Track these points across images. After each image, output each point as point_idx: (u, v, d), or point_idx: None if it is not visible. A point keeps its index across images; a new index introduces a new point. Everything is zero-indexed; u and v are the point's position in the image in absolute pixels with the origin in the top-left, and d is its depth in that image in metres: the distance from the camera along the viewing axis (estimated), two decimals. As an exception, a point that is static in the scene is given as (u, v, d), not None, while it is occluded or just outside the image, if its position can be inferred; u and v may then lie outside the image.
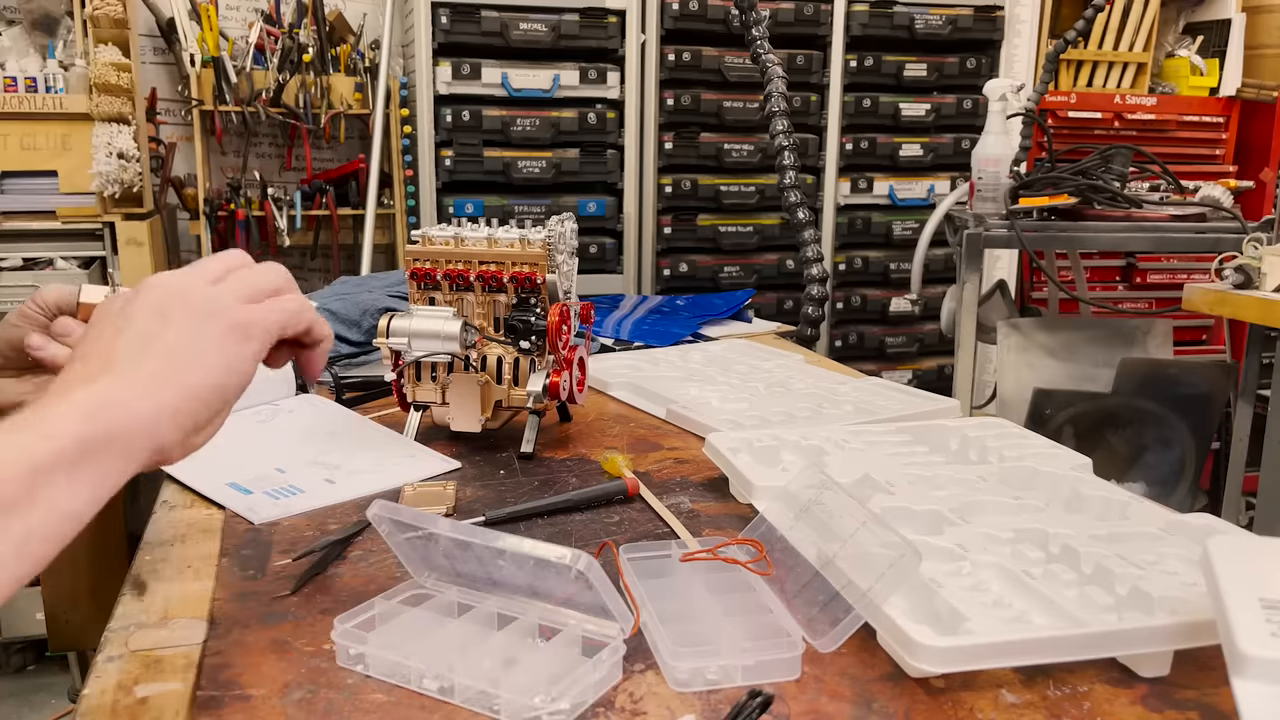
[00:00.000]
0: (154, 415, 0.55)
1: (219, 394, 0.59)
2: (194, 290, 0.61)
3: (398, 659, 0.60)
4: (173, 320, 0.59)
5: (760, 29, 2.00)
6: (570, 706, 0.56)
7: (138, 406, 0.55)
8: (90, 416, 0.52)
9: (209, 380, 0.58)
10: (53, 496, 0.50)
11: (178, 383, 0.57)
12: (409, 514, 0.65)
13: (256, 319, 0.62)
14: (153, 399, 0.55)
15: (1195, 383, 2.33)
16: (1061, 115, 2.96)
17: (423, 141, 2.54)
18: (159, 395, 0.56)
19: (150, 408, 0.55)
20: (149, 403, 0.55)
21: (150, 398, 0.55)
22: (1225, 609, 0.52)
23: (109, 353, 0.57)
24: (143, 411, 0.55)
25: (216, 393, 0.59)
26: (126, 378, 0.56)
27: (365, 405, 1.19)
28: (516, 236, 1.03)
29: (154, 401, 0.55)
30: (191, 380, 0.57)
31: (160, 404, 0.56)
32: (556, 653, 0.61)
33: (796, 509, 0.72)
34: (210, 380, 0.58)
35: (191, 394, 0.57)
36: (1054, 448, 0.94)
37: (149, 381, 0.56)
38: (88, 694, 0.58)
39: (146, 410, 0.55)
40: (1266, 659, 0.49)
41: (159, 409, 0.55)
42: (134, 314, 0.59)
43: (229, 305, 0.61)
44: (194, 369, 0.58)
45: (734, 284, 2.74)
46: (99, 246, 2.39)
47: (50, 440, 0.51)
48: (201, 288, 0.61)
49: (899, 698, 0.59)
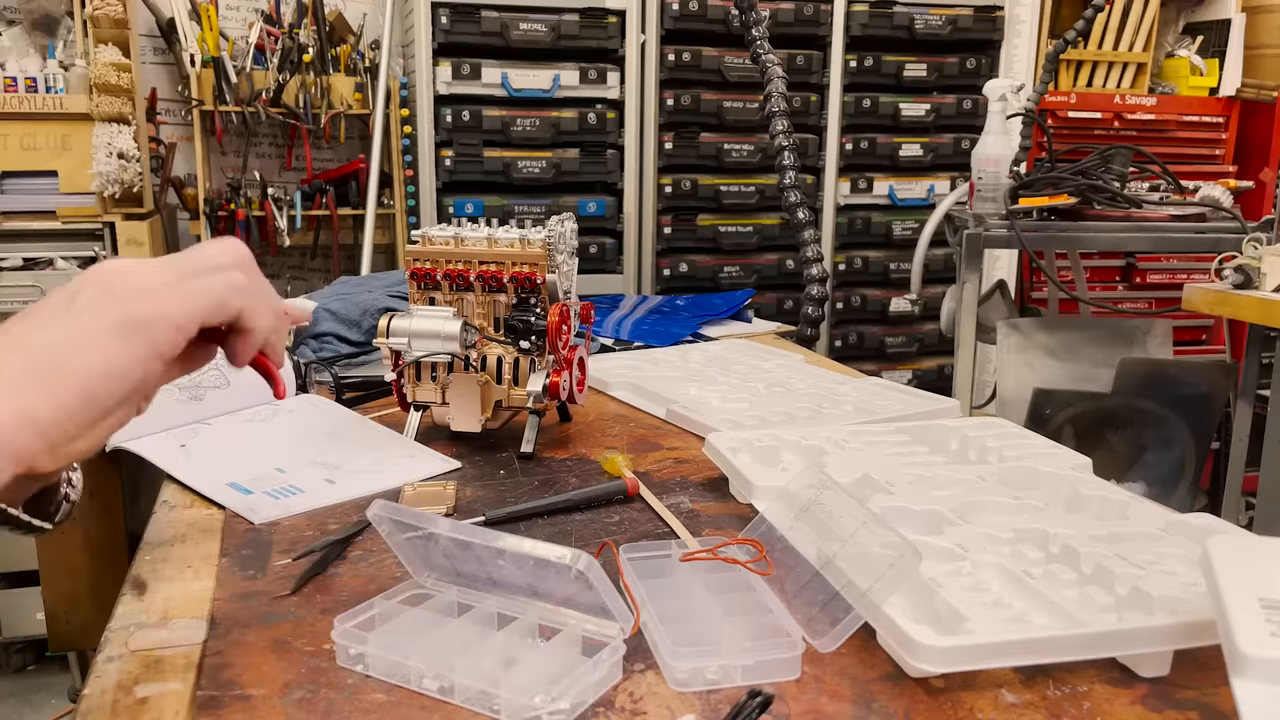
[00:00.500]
0: (12, 422, 0.49)
1: (92, 400, 0.51)
2: (122, 274, 0.54)
3: (398, 659, 0.60)
4: (70, 312, 0.52)
5: (760, 29, 2.00)
6: (570, 706, 0.56)
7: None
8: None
9: (81, 384, 0.51)
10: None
11: (41, 388, 0.50)
12: (409, 514, 0.65)
13: (153, 313, 0.53)
14: (8, 407, 0.49)
15: (1195, 383, 2.33)
16: (1061, 115, 2.96)
17: (423, 141, 2.54)
18: (16, 402, 0.49)
19: (6, 413, 0.49)
20: (4, 406, 0.49)
21: (7, 400, 0.49)
22: (1225, 609, 0.52)
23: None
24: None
25: (88, 398, 0.51)
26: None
27: (365, 405, 1.19)
28: (516, 236, 1.03)
29: (9, 409, 0.49)
30: (59, 385, 0.50)
31: (18, 408, 0.49)
32: (556, 653, 0.61)
33: (796, 509, 0.72)
34: (82, 384, 0.51)
35: (56, 400, 0.50)
36: (1054, 448, 0.94)
37: (9, 382, 0.50)
38: (88, 694, 0.58)
39: (1, 416, 0.48)
40: (1266, 659, 0.49)
41: (19, 415, 0.49)
42: (35, 309, 0.53)
43: (140, 290, 0.53)
44: (63, 372, 0.51)
45: (734, 284, 2.75)
46: (99, 247, 2.39)
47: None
48: (136, 269, 0.54)
49: (899, 698, 0.59)
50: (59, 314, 0.53)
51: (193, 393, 1.07)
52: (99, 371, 0.51)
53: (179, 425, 1.04)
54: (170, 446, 0.99)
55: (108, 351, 0.52)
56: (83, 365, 0.51)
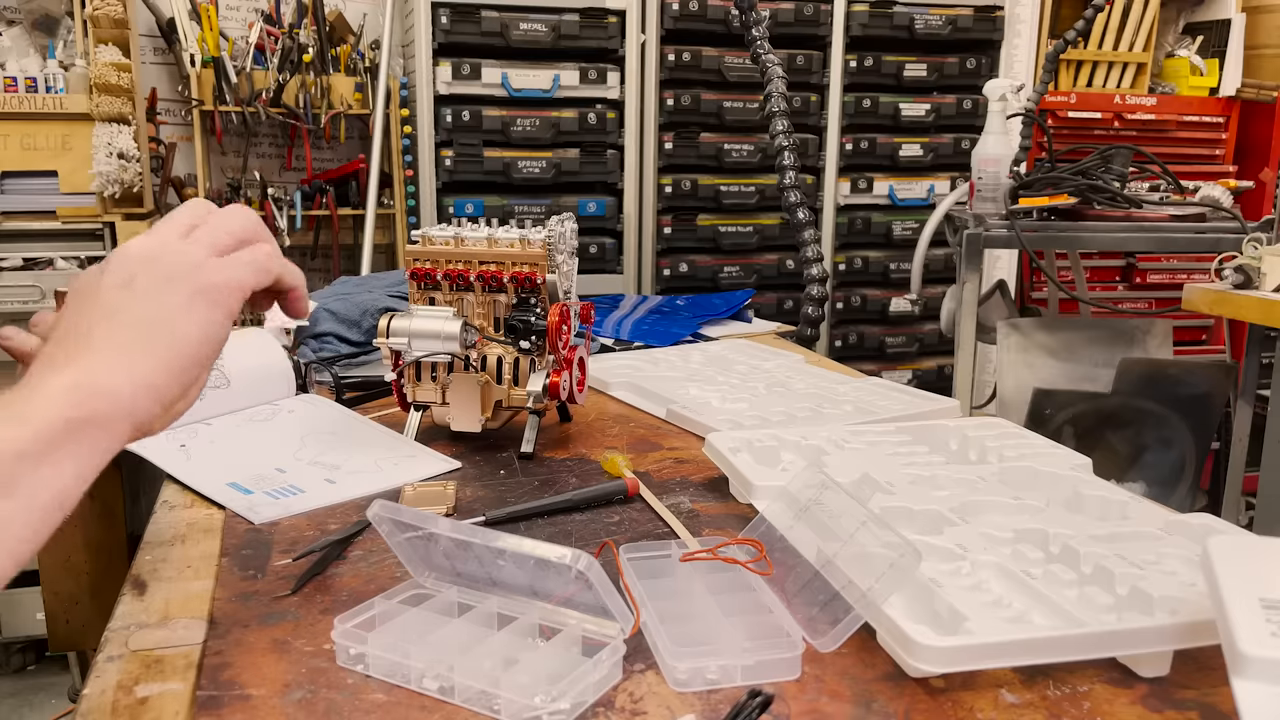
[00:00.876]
0: (130, 392, 0.54)
1: (195, 362, 0.58)
2: (161, 254, 0.59)
3: (397, 659, 0.60)
4: (139, 291, 0.57)
5: (760, 29, 2.00)
6: (570, 706, 0.56)
7: (113, 385, 0.54)
8: (66, 401, 0.52)
9: (184, 350, 0.57)
10: (34, 483, 0.50)
11: (152, 356, 0.56)
12: (409, 514, 0.65)
13: (223, 280, 0.60)
14: (127, 376, 0.55)
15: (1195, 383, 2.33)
16: (1061, 115, 2.97)
17: (423, 141, 2.54)
18: (133, 371, 0.55)
19: (125, 385, 0.54)
20: (123, 380, 0.54)
21: (124, 375, 0.54)
22: (1225, 609, 0.52)
23: (80, 333, 0.56)
24: (119, 390, 0.54)
25: (192, 361, 0.58)
26: (99, 357, 0.55)
27: (365, 405, 1.19)
28: (516, 236, 1.03)
29: (128, 378, 0.54)
30: (166, 352, 0.56)
31: (135, 380, 0.55)
32: (556, 653, 0.61)
33: (796, 509, 0.72)
34: (185, 350, 0.57)
35: (166, 366, 0.56)
36: (1054, 448, 0.94)
37: (122, 358, 0.55)
38: (88, 694, 0.58)
39: (122, 388, 0.54)
40: (1266, 659, 0.49)
41: (134, 385, 0.55)
42: (102, 289, 0.57)
43: (196, 265, 0.59)
44: (166, 340, 0.57)
45: (734, 284, 2.75)
46: (99, 246, 2.39)
47: (27, 426, 0.50)
48: (169, 249, 0.60)
49: (899, 698, 0.59)
50: (126, 296, 0.57)
51: (193, 393, 1.07)
52: (199, 338, 0.58)
53: (179, 425, 1.04)
54: (170, 446, 0.99)
55: (198, 318, 0.58)
56: (184, 332, 0.58)
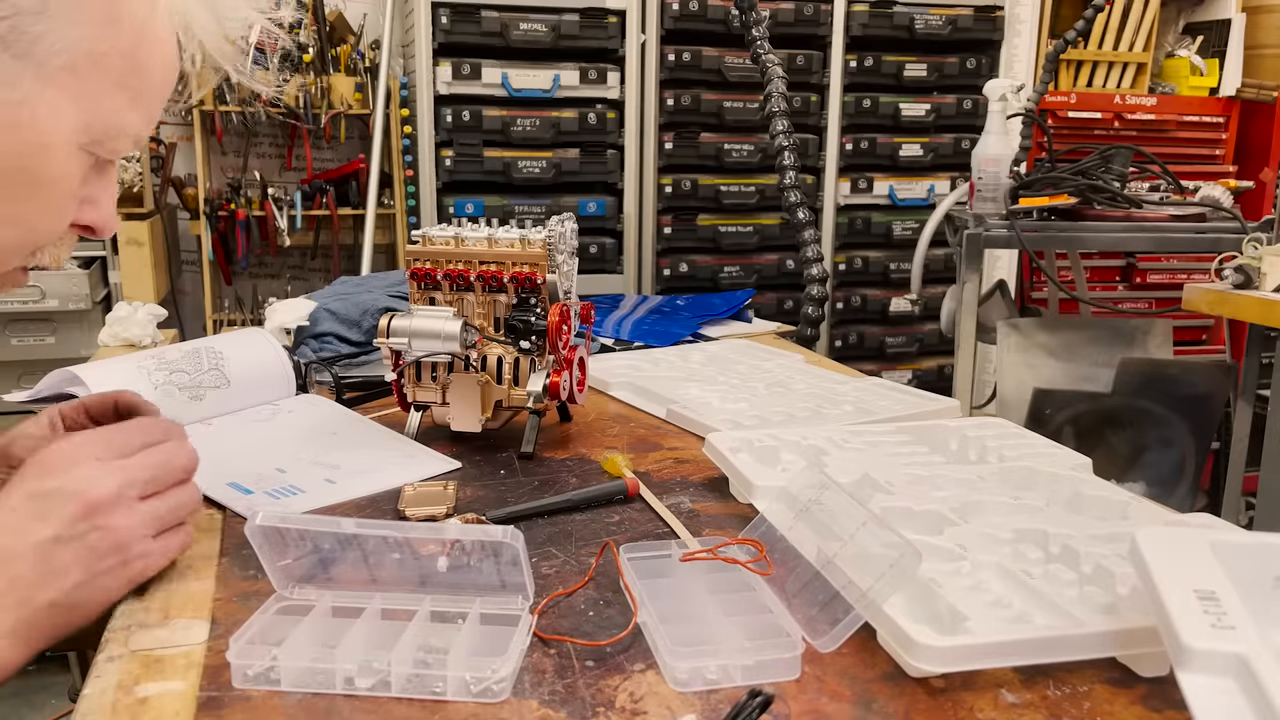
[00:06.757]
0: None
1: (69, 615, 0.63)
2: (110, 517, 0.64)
3: (322, 665, 0.59)
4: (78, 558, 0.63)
5: (760, 29, 2.00)
6: (509, 674, 0.59)
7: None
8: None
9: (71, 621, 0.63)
10: None
11: (51, 631, 0.62)
12: (305, 520, 0.66)
13: (146, 566, 0.68)
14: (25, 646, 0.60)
15: (1195, 383, 2.33)
16: (1061, 115, 2.96)
17: (423, 141, 2.54)
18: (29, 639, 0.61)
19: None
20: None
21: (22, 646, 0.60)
22: (1163, 603, 0.52)
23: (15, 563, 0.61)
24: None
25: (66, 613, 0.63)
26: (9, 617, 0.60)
27: (365, 405, 1.19)
28: (516, 236, 1.03)
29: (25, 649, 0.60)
30: (62, 621, 0.62)
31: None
32: (475, 631, 0.63)
33: (796, 509, 0.72)
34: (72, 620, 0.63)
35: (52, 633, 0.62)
36: (1054, 448, 0.94)
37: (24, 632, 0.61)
38: (88, 694, 0.58)
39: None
40: (1211, 651, 0.48)
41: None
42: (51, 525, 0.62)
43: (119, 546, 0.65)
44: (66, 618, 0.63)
45: (734, 284, 2.74)
46: (99, 246, 2.39)
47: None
48: (121, 510, 0.65)
49: (899, 698, 0.59)
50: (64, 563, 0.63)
51: (193, 393, 1.07)
52: (99, 605, 0.65)
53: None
54: (170, 446, 0.99)
55: (105, 589, 0.65)
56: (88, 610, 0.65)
